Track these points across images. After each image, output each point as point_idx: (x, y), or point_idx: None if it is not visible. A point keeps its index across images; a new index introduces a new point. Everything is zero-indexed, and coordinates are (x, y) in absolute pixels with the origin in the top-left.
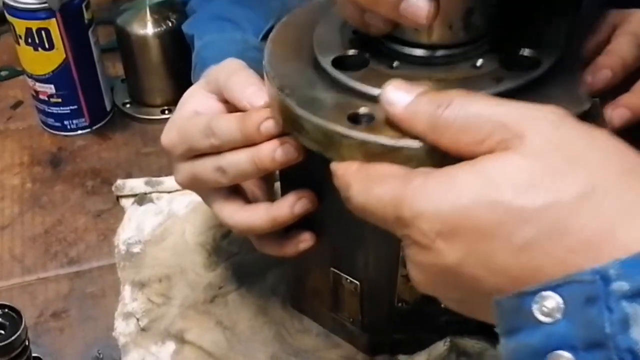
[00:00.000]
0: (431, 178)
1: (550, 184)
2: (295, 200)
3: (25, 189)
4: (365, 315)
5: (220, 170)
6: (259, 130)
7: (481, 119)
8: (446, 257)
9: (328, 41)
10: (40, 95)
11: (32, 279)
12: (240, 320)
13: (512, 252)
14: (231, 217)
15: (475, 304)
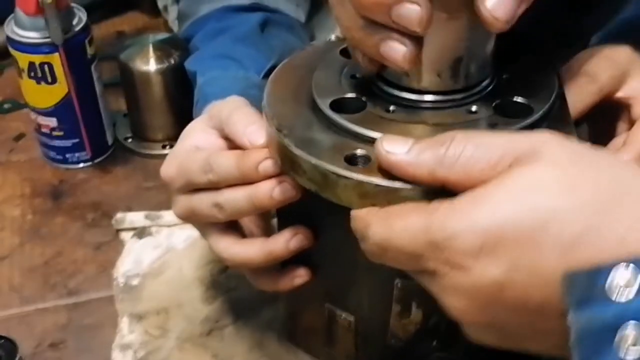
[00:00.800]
0: (458, 200)
1: (585, 183)
2: (291, 236)
3: (25, 220)
4: (359, 350)
5: (217, 207)
6: (257, 169)
7: (490, 146)
8: (489, 274)
9: (327, 84)
10: (42, 128)
11: (31, 310)
12: (236, 354)
13: (560, 253)
14: (226, 250)
15: (519, 329)
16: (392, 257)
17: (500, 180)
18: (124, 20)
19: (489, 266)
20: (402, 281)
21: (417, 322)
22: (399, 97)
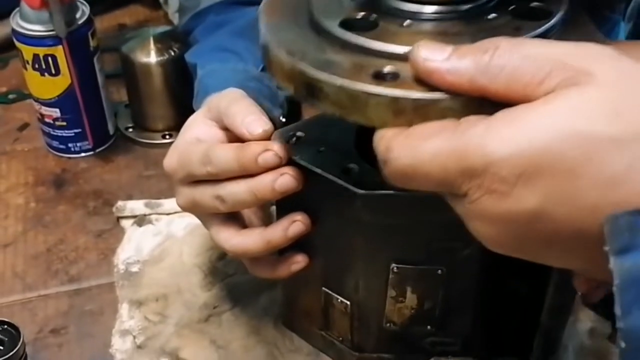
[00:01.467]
0: (496, 121)
1: (637, 112)
2: (289, 224)
3: (29, 208)
4: (354, 334)
5: (219, 199)
6: (256, 161)
7: (538, 58)
8: (527, 202)
9: (328, 6)
10: (45, 118)
11: (33, 296)
12: (233, 340)
13: (602, 186)
14: (227, 241)
15: (548, 253)
16: (417, 184)
17: (545, 102)
18: (125, 13)
19: (525, 195)
20: (398, 266)
21: (412, 307)
22: (413, 11)
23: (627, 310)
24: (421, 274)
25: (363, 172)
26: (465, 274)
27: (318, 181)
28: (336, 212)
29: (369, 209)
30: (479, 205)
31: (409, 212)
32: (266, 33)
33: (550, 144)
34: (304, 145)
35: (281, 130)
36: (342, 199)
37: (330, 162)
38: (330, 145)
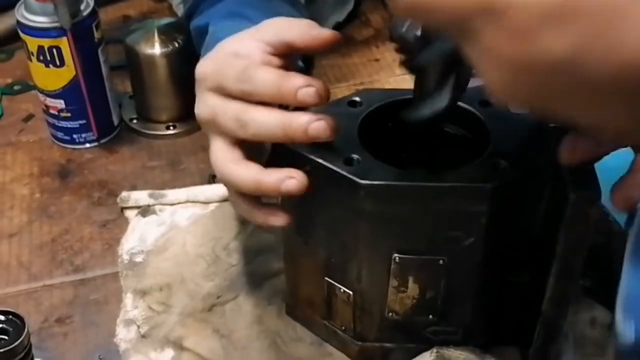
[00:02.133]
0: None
1: None
2: (286, 177)
3: (34, 199)
4: (357, 324)
5: (240, 122)
6: (296, 93)
7: None
8: (555, 48)
9: None
10: (50, 109)
11: (38, 286)
12: (236, 329)
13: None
14: (223, 164)
15: (569, 106)
16: (426, 15)
17: None
18: (129, 5)
19: (554, 39)
20: (400, 256)
21: (413, 296)
22: None
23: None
24: (423, 263)
25: (366, 162)
26: (467, 263)
27: (321, 171)
28: (339, 202)
29: (371, 199)
30: (495, 49)
31: (411, 202)
32: None
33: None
34: None
35: None
36: (344, 189)
37: (333, 152)
38: None
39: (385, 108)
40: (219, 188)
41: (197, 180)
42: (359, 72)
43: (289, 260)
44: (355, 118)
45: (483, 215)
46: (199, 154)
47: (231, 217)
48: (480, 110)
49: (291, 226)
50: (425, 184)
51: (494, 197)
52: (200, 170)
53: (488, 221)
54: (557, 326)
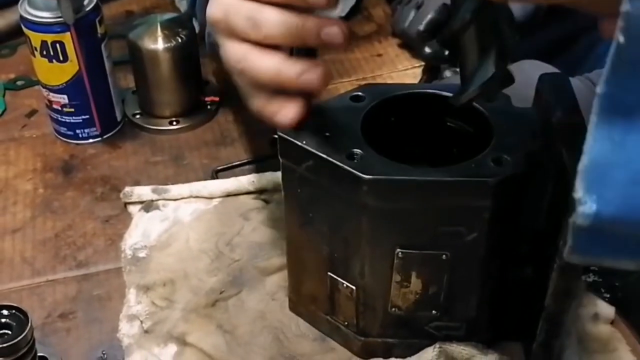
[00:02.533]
0: None
1: None
2: (310, 67)
3: (37, 194)
4: (360, 319)
5: (253, 22)
6: None
7: None
8: None
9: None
10: (53, 104)
11: (42, 281)
12: (239, 325)
13: None
14: (243, 55)
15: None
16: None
17: None
18: (132, 0)
19: None
20: (403, 251)
21: (416, 292)
22: None
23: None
24: (426, 258)
25: (368, 157)
26: (470, 258)
27: (324, 166)
28: (342, 197)
29: (374, 193)
30: None
31: (414, 197)
32: None
33: None
34: (310, 130)
35: None
36: (347, 184)
37: (337, 147)
38: (336, 131)
39: (388, 103)
40: (222, 183)
41: (200, 175)
42: (361, 68)
43: (291, 255)
44: (358, 113)
45: (486, 210)
46: (202, 149)
47: (234, 213)
48: (483, 105)
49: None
50: (428, 179)
51: (497, 192)
52: (203, 165)
53: (491, 216)
54: (559, 321)
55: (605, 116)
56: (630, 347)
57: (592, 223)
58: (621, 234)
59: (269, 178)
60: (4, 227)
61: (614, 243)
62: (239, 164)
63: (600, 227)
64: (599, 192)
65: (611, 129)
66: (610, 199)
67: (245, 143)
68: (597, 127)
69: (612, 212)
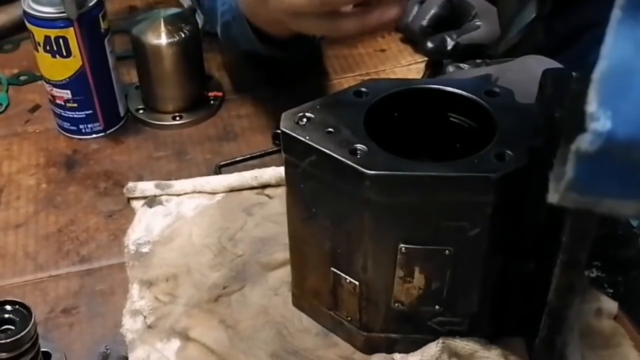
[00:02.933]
0: None
1: None
2: None
3: (40, 189)
4: (363, 314)
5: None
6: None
7: None
8: None
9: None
10: (57, 100)
11: (44, 276)
12: (242, 320)
13: None
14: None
15: None
16: None
17: None
18: None
19: None
20: (406, 246)
21: (419, 287)
22: None
23: None
24: (429, 254)
25: (371, 152)
26: (472, 254)
27: (327, 161)
28: (345, 192)
29: (377, 189)
30: None
31: (417, 192)
32: None
33: None
34: (313, 126)
35: (290, 112)
36: (350, 179)
37: (339, 142)
38: (339, 127)
39: (391, 98)
40: (225, 178)
41: (203, 170)
42: (364, 63)
43: (294, 250)
44: (361, 108)
45: (488, 206)
46: (205, 144)
47: (237, 208)
48: (487, 100)
49: (297, 217)
50: (431, 174)
51: (500, 188)
52: (206, 160)
53: (493, 211)
54: (562, 316)
55: (629, 13)
56: (633, 343)
57: (602, 146)
58: (634, 162)
59: (271, 173)
60: (7, 222)
61: (622, 175)
62: (242, 159)
63: (610, 152)
64: (616, 106)
65: (635, 27)
66: (628, 115)
67: (248, 138)
68: (620, 23)
69: (629, 132)
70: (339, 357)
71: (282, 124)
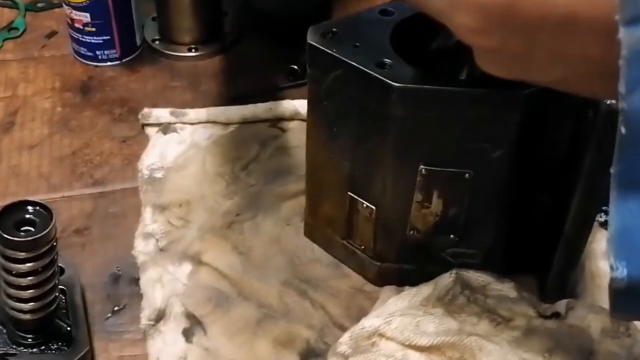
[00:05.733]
0: None
1: None
2: None
3: (55, 113)
4: (377, 242)
5: None
6: None
7: None
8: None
9: None
10: (75, 23)
11: (57, 197)
12: (254, 247)
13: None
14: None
15: (535, 51)
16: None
17: None
18: None
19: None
20: (426, 168)
21: (436, 213)
22: None
23: (631, 88)
24: (449, 177)
25: (398, 66)
26: (492, 179)
27: (353, 74)
28: (369, 108)
29: (403, 103)
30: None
31: (443, 108)
32: None
33: None
34: (340, 40)
35: (317, 26)
36: (377, 93)
37: (366, 56)
38: (365, 42)
39: (418, 18)
40: (240, 109)
41: (217, 102)
42: None
43: (311, 176)
44: (387, 26)
45: (513, 125)
46: (220, 77)
47: (251, 139)
48: None
49: (317, 138)
50: (458, 89)
51: (527, 105)
52: (221, 92)
53: (518, 132)
54: (577, 248)
55: (621, 191)
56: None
57: (626, 286)
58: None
59: (285, 106)
60: (22, 143)
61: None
62: (256, 93)
63: (635, 288)
64: (627, 257)
65: (628, 201)
66: (638, 262)
67: (263, 73)
68: (616, 201)
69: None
70: (350, 287)
71: (308, 37)
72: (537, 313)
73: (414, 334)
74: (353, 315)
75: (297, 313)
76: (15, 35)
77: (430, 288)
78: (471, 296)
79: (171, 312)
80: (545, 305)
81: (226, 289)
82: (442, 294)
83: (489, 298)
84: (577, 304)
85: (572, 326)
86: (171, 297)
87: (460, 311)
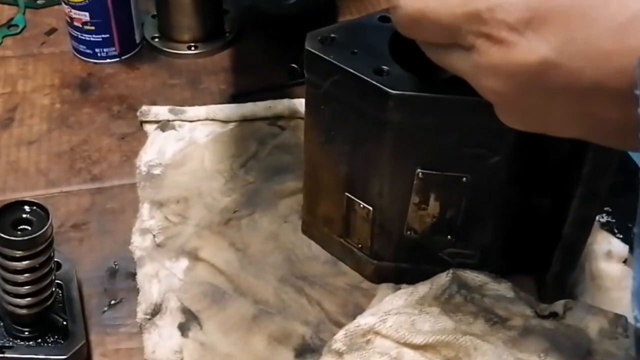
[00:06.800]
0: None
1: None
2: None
3: (54, 109)
4: (374, 242)
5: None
6: None
7: None
8: (535, 52)
9: None
10: (74, 21)
11: (56, 192)
12: (252, 243)
13: (616, 32)
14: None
15: (559, 113)
16: (425, 30)
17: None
18: None
19: (535, 42)
20: (423, 171)
21: (433, 215)
22: None
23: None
24: (446, 180)
25: (396, 73)
26: (490, 183)
27: (350, 81)
28: (366, 114)
29: (400, 109)
30: (485, 57)
31: (440, 115)
32: None
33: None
34: (338, 46)
35: (315, 32)
36: (374, 99)
37: (364, 63)
38: (364, 48)
39: None
40: (239, 107)
41: (217, 100)
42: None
43: (309, 175)
44: (386, 33)
45: (510, 132)
46: (220, 75)
47: (250, 137)
48: None
49: (314, 141)
50: (456, 97)
51: None
52: (220, 90)
53: (516, 139)
54: (576, 251)
55: None
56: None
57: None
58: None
59: (285, 104)
60: (20, 139)
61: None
62: (256, 91)
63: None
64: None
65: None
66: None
67: (263, 72)
68: (638, 259)
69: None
70: (346, 284)
71: (306, 44)
72: (535, 313)
73: (409, 333)
74: (349, 312)
75: (293, 309)
76: (15, 32)
77: (427, 287)
78: (468, 296)
79: (167, 306)
80: (543, 306)
81: (223, 284)
82: (439, 293)
83: (485, 297)
84: (575, 304)
85: (569, 326)
86: (167, 292)
87: (457, 310)
